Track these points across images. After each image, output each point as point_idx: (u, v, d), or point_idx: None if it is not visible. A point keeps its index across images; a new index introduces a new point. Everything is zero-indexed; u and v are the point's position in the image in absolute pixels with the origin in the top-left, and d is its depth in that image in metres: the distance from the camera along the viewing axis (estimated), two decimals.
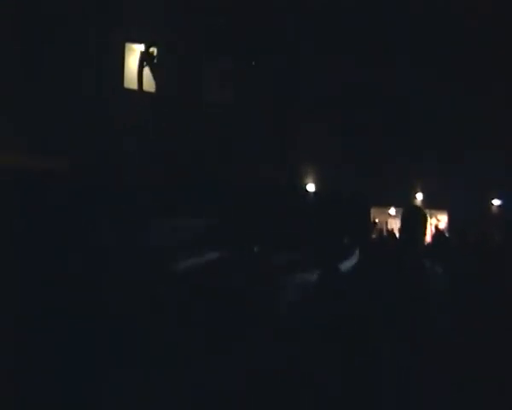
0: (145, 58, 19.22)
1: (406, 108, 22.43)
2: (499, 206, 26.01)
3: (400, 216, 4.53)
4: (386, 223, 22.18)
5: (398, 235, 4.77)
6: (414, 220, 4.29)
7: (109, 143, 16.28)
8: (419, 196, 24.84)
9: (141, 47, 19.57)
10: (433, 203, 24.20)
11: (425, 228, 4.34)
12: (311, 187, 22.26)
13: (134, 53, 19.68)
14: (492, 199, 26.14)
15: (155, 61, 19.54)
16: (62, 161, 11.30)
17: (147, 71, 19.58)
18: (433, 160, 22.86)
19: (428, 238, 11.11)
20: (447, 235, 15.17)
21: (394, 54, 21.29)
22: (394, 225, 20.15)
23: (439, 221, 24.22)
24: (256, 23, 19.53)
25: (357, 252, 4.08)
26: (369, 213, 4.64)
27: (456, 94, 22.68)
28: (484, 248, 7.51)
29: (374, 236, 12.65)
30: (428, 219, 4.54)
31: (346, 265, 4.04)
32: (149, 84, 19.68)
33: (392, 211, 23.31)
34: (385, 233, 15.09)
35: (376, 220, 19.71)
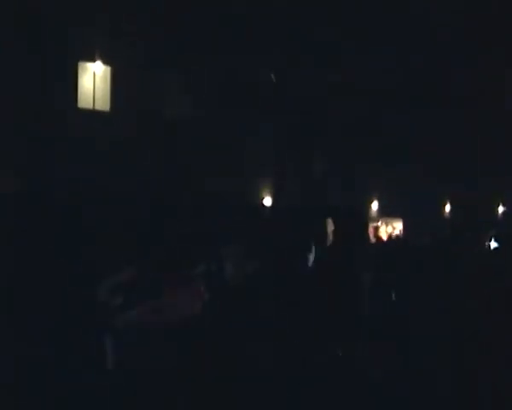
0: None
1: (367, 117, 22.34)
2: (451, 211, 26.71)
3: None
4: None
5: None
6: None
7: (64, 161, 16.22)
8: (374, 205, 25.19)
9: (95, 65, 19.49)
10: (389, 211, 24.61)
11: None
12: (267, 201, 22.34)
13: (88, 72, 19.59)
14: (446, 205, 26.82)
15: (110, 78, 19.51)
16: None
17: (102, 89, 19.52)
18: (388, 168, 23.10)
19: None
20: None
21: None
22: None
23: (394, 229, 24.64)
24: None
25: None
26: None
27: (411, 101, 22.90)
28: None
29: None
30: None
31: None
32: (105, 102, 19.62)
33: None
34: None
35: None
